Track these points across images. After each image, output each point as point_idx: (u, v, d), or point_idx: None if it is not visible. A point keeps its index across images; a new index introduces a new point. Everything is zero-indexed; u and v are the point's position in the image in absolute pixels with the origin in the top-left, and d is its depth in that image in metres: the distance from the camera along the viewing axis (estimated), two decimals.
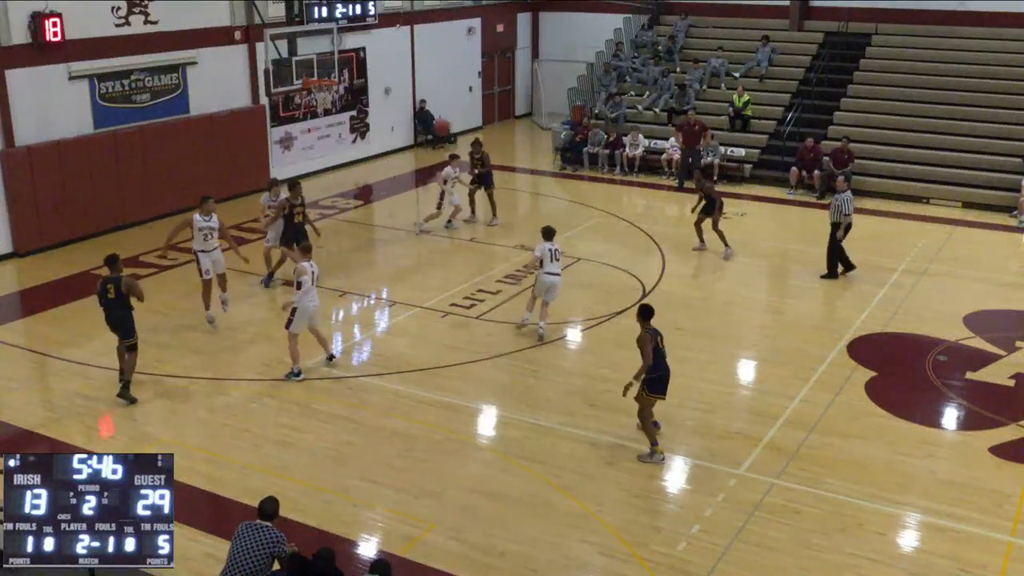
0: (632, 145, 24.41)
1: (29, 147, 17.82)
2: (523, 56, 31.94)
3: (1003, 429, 11.79)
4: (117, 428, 11.88)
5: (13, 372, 13.46)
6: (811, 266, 17.77)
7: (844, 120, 23.95)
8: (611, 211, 21.17)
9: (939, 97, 23.74)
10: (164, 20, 19.92)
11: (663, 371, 10.89)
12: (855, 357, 13.74)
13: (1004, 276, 17.31)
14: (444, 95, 28.01)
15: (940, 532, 9.78)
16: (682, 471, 10.98)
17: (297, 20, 19.70)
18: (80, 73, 18.57)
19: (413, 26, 26.70)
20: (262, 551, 7.78)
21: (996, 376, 13.18)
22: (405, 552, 9.37)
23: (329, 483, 10.59)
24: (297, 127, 23.61)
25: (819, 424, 11.85)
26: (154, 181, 19.90)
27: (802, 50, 26.55)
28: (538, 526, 9.79)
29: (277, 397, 12.60)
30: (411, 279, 17.12)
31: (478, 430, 12.03)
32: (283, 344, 14.08)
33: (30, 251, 17.98)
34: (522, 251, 17.86)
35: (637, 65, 27.38)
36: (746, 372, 13.72)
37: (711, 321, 15.12)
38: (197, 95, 20.84)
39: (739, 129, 24.55)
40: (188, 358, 13.73)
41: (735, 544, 9.51)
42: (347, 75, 24.38)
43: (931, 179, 22.08)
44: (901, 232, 19.70)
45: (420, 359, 13.66)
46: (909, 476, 10.79)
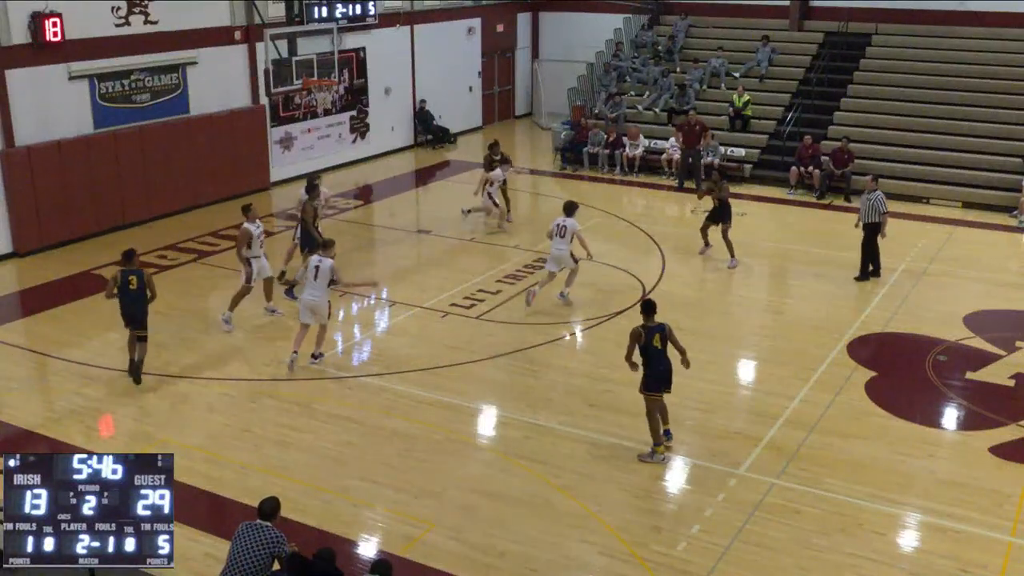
0: (632, 145, 24.41)
1: (29, 147, 17.82)
2: (523, 56, 31.94)
3: (1003, 429, 11.79)
4: (117, 428, 11.89)
5: (13, 372, 13.46)
6: (811, 266, 17.79)
7: (844, 120, 23.95)
8: (611, 211, 21.17)
9: (939, 97, 23.73)
10: (164, 20, 19.92)
11: (657, 369, 10.81)
12: (855, 357, 13.74)
13: (1004, 276, 17.31)
14: (444, 95, 28.02)
15: (940, 532, 9.78)
16: (682, 471, 10.98)
17: (297, 20, 19.71)
18: (80, 73, 18.57)
19: (413, 26, 26.71)
20: (262, 551, 7.78)
21: (996, 376, 13.18)
22: (405, 552, 9.37)
23: (329, 483, 10.59)
24: (297, 127, 23.62)
25: (819, 424, 11.85)
26: (154, 181, 19.90)
27: (802, 50, 26.54)
28: (538, 526, 9.79)
29: (277, 397, 12.60)
30: (411, 279, 17.11)
31: (478, 430, 12.03)
32: (282, 344, 14.11)
33: (30, 251, 17.98)
34: (522, 251, 17.86)
35: (637, 65, 27.38)
36: (746, 372, 13.72)
37: (711, 321, 15.12)
38: (197, 95, 20.84)
39: (739, 129, 24.55)
40: (188, 358, 13.73)
41: (735, 544, 9.51)
42: (347, 75, 24.39)
43: (931, 179, 22.08)
44: (901, 232, 19.67)
45: (420, 359, 13.66)
46: (909, 476, 10.79)
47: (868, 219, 16.67)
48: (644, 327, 10.81)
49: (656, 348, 10.75)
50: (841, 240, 19.16)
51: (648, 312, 10.88)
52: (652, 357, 10.79)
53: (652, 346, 10.72)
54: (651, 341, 10.71)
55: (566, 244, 15.11)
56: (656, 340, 10.73)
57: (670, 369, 10.90)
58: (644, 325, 10.83)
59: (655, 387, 10.85)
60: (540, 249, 18.33)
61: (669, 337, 10.86)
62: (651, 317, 10.87)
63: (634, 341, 10.79)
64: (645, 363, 10.82)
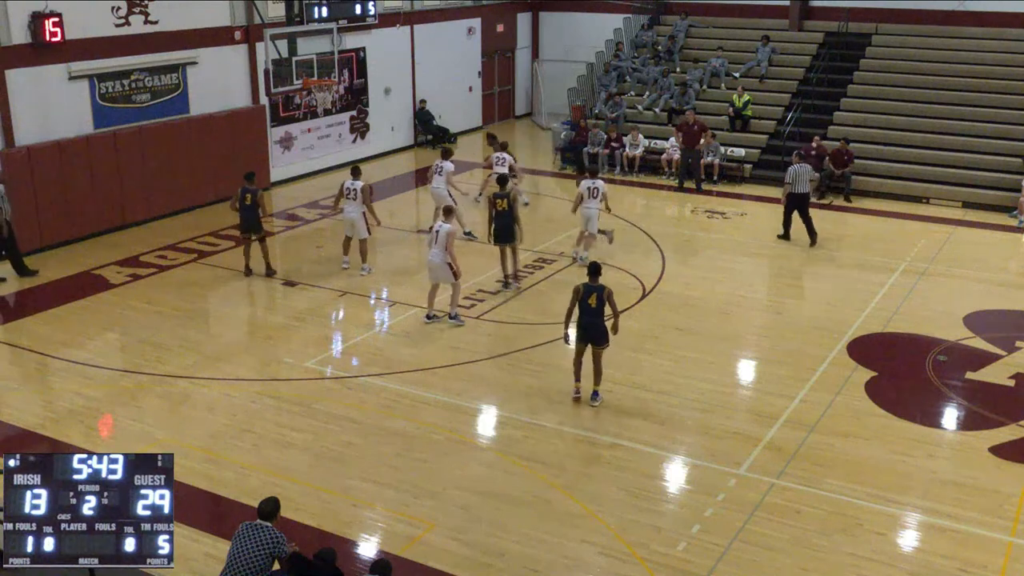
0: (632, 145, 24.41)
1: (29, 147, 17.82)
2: (523, 56, 31.94)
3: (1003, 429, 11.79)
4: (117, 428, 11.89)
5: (13, 372, 13.47)
6: (811, 266, 17.80)
7: (844, 120, 23.95)
8: (611, 211, 21.11)
9: (939, 97, 23.74)
10: (164, 20, 19.93)
11: (582, 319, 11.95)
12: (855, 357, 13.75)
13: (1004, 276, 17.31)
14: (444, 95, 28.02)
15: (940, 532, 9.78)
16: (682, 471, 10.99)
17: (297, 20, 19.70)
18: (80, 73, 18.57)
19: (413, 26, 26.71)
20: (262, 551, 7.78)
21: (996, 376, 13.18)
22: (405, 552, 9.37)
23: (329, 483, 10.59)
24: (297, 127, 23.62)
25: (819, 424, 11.85)
26: (154, 181, 19.90)
27: (802, 50, 26.55)
28: (538, 526, 9.79)
29: (277, 397, 12.60)
30: (411, 279, 17.10)
31: (478, 430, 12.03)
32: (283, 344, 14.12)
33: (30, 251, 17.97)
34: (522, 251, 17.83)
35: (637, 65, 27.38)
36: (746, 372, 13.72)
37: (711, 321, 15.12)
38: (197, 95, 20.85)
39: (739, 129, 24.55)
40: (188, 358, 13.74)
41: (735, 544, 9.51)
42: (347, 75, 24.39)
43: (931, 179, 22.08)
44: (901, 232, 19.70)
45: (420, 359, 13.67)
46: (909, 476, 10.79)
47: (800, 189, 18.29)
48: (585, 284, 11.91)
49: (589, 305, 11.84)
50: (841, 240, 19.18)
51: (593, 274, 12.02)
52: (583, 312, 11.92)
53: (586, 303, 11.85)
54: (587, 298, 11.83)
55: (596, 205, 16.96)
56: (592, 299, 11.83)
57: (593, 325, 11.96)
58: (586, 284, 11.91)
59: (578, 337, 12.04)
60: (540, 249, 18.36)
61: (608, 300, 11.93)
62: (595, 278, 11.98)
63: (575, 296, 11.91)
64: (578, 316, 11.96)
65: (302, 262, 17.75)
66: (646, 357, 13.75)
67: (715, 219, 20.60)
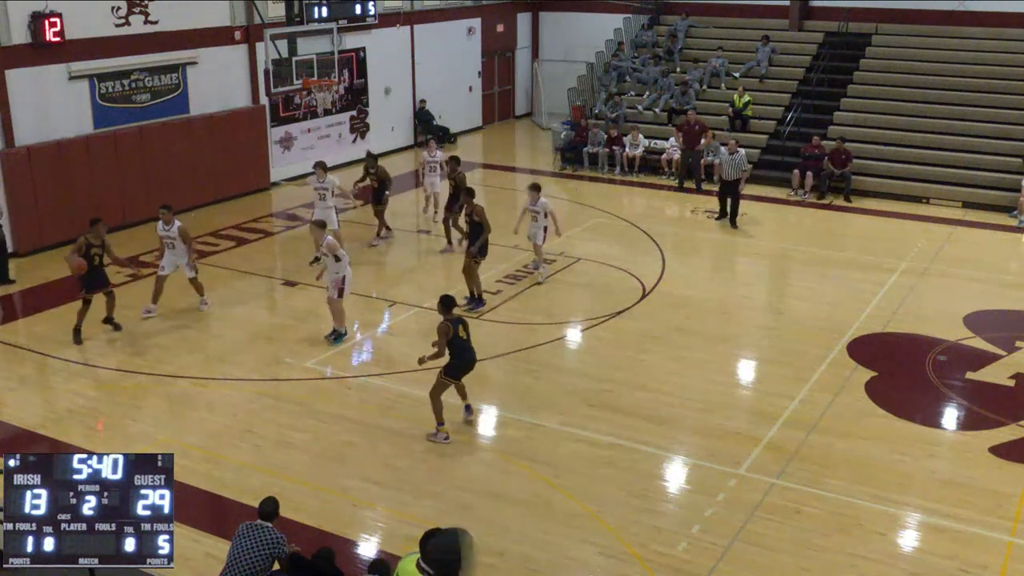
0: (632, 145, 24.42)
1: (29, 147, 17.82)
2: (523, 56, 31.94)
3: (1003, 429, 11.79)
4: (117, 428, 11.88)
5: (13, 372, 13.46)
6: (811, 266, 17.80)
7: (844, 120, 23.95)
8: (611, 211, 21.17)
9: (939, 97, 23.74)
10: (164, 20, 19.93)
11: (464, 358, 11.32)
12: (855, 357, 13.74)
13: (1004, 276, 17.31)
14: (444, 95, 28.03)
15: (940, 532, 9.78)
16: (682, 471, 10.99)
17: (297, 20, 19.70)
18: (80, 73, 18.57)
19: (413, 26, 26.71)
20: (262, 551, 7.78)
21: (996, 376, 13.18)
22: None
23: (329, 483, 10.59)
24: (297, 127, 23.63)
25: (819, 424, 11.85)
26: (154, 181, 19.89)
27: (802, 50, 26.55)
28: (538, 526, 9.79)
29: (277, 397, 12.60)
30: (411, 279, 17.10)
31: (478, 430, 12.02)
32: (282, 344, 14.12)
33: (30, 251, 17.98)
34: (522, 251, 17.84)
35: (637, 65, 27.38)
36: (746, 372, 13.72)
37: (711, 321, 15.11)
38: (197, 95, 20.85)
39: (739, 129, 24.53)
40: (188, 358, 13.73)
41: (735, 544, 9.51)
42: (347, 75, 24.39)
43: (931, 179, 22.08)
44: (901, 232, 19.70)
45: None
46: (909, 476, 10.79)
47: (732, 176, 19.50)
48: (449, 320, 11.18)
49: (461, 338, 11.24)
50: (841, 240, 19.19)
51: (447, 307, 11.29)
52: (459, 347, 11.24)
53: (458, 336, 11.19)
54: (457, 332, 11.19)
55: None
56: (461, 331, 11.24)
57: (475, 359, 11.48)
58: (448, 319, 11.18)
59: (455, 374, 11.39)
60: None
61: (464, 323, 11.38)
62: (450, 311, 11.29)
63: (443, 335, 11.13)
64: (452, 353, 11.23)
65: (302, 262, 17.74)
66: (646, 357, 13.75)
67: (715, 219, 20.58)
